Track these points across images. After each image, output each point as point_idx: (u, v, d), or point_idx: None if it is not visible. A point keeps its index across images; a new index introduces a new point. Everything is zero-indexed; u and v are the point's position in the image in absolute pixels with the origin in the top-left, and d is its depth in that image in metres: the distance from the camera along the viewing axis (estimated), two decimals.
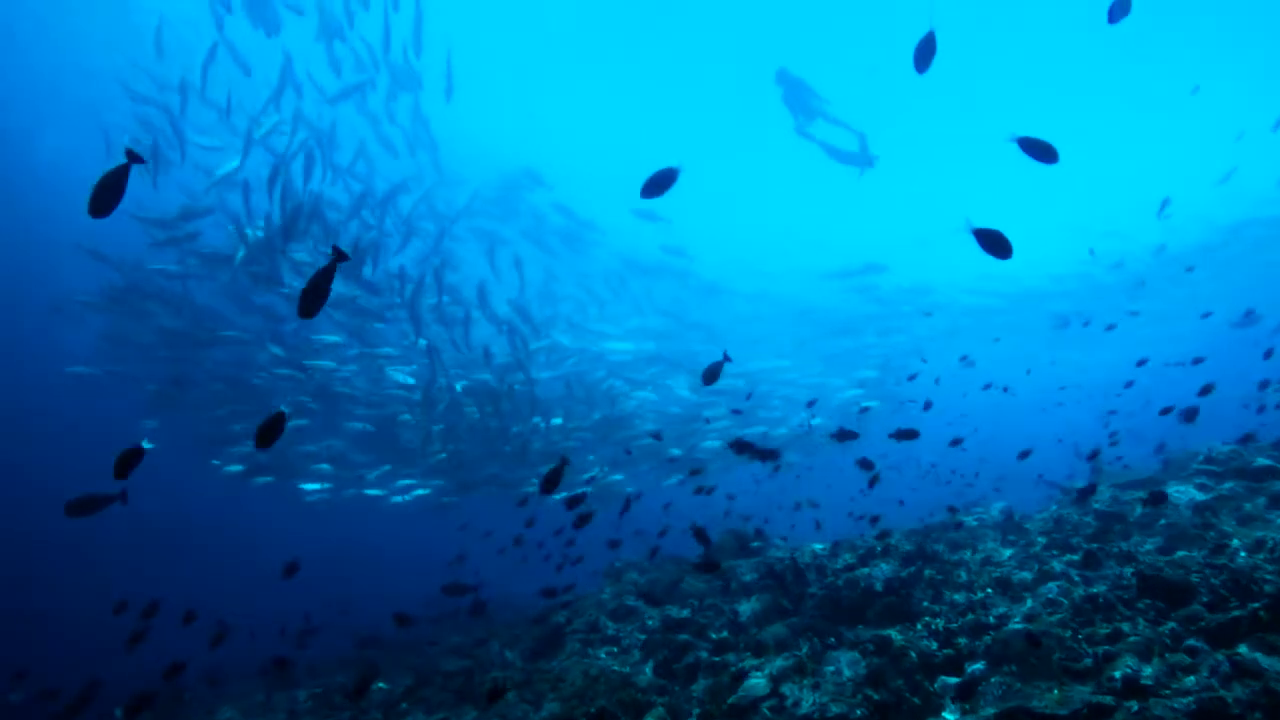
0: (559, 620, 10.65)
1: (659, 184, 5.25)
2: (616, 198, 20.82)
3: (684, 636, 8.81)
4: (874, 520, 12.27)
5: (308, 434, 19.73)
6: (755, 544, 12.70)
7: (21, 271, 21.72)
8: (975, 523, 11.84)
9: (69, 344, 21.35)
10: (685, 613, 9.26)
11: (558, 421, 18.13)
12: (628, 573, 12.82)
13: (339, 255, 3.90)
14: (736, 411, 15.15)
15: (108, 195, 3.83)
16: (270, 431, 4.48)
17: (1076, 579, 7.23)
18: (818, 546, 10.77)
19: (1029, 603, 7.16)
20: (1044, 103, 19.87)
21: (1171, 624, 5.62)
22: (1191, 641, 5.26)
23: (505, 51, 19.62)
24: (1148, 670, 5.14)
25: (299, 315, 4.07)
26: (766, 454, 8.14)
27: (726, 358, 5.98)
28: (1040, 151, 4.87)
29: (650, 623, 9.41)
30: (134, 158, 3.79)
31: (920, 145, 21.20)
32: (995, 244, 4.65)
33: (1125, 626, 5.79)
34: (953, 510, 12.12)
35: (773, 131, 17.68)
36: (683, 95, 21.39)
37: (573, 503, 9.63)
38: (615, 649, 9.37)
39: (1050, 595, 6.95)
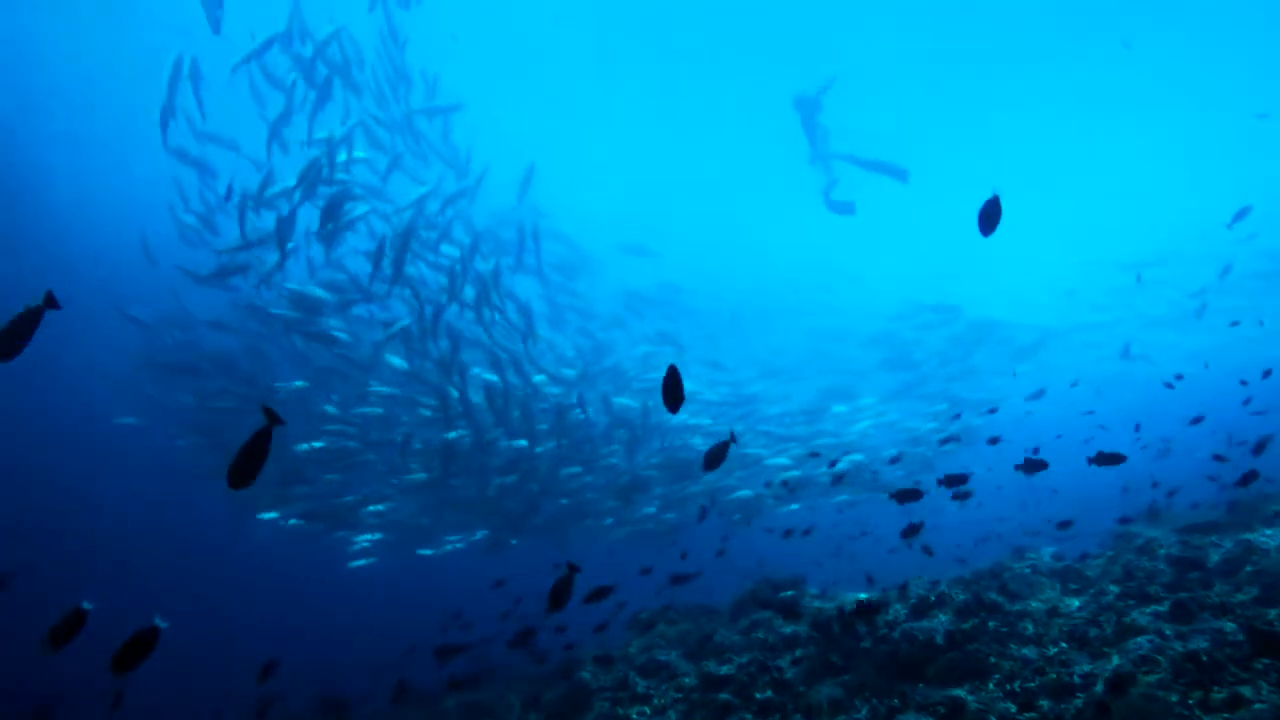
0: (584, 676, 9.89)
1: (673, 389, 4.77)
2: (611, 231, 20.62)
3: (724, 696, 8.07)
4: (902, 588, 11.45)
5: (355, 485, 19.25)
6: (789, 593, 11.94)
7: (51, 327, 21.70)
8: (1028, 570, 11.05)
9: (106, 399, 21.37)
10: (725, 669, 8.51)
11: (569, 470, 17.33)
12: (655, 624, 12.07)
13: (272, 419, 3.58)
14: (815, 454, 14.57)
15: (16, 340, 3.71)
16: (137, 652, 3.96)
17: (1169, 633, 6.50)
18: (862, 596, 10.04)
19: (1115, 659, 6.42)
20: (1098, 126, 19.57)
21: None
22: None
23: (501, 79, 19.47)
24: None
25: (229, 485, 3.63)
26: (955, 480, 7.86)
27: (733, 439, 5.49)
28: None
29: (687, 680, 8.66)
30: (50, 302, 3.76)
31: (960, 175, 20.97)
32: None
33: (1245, 691, 5.08)
34: (995, 574, 11.25)
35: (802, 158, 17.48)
36: (697, 120, 21.22)
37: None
38: (647, 709, 8.62)
39: (1142, 652, 6.22)
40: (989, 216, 5.25)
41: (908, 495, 7.93)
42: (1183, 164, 19.84)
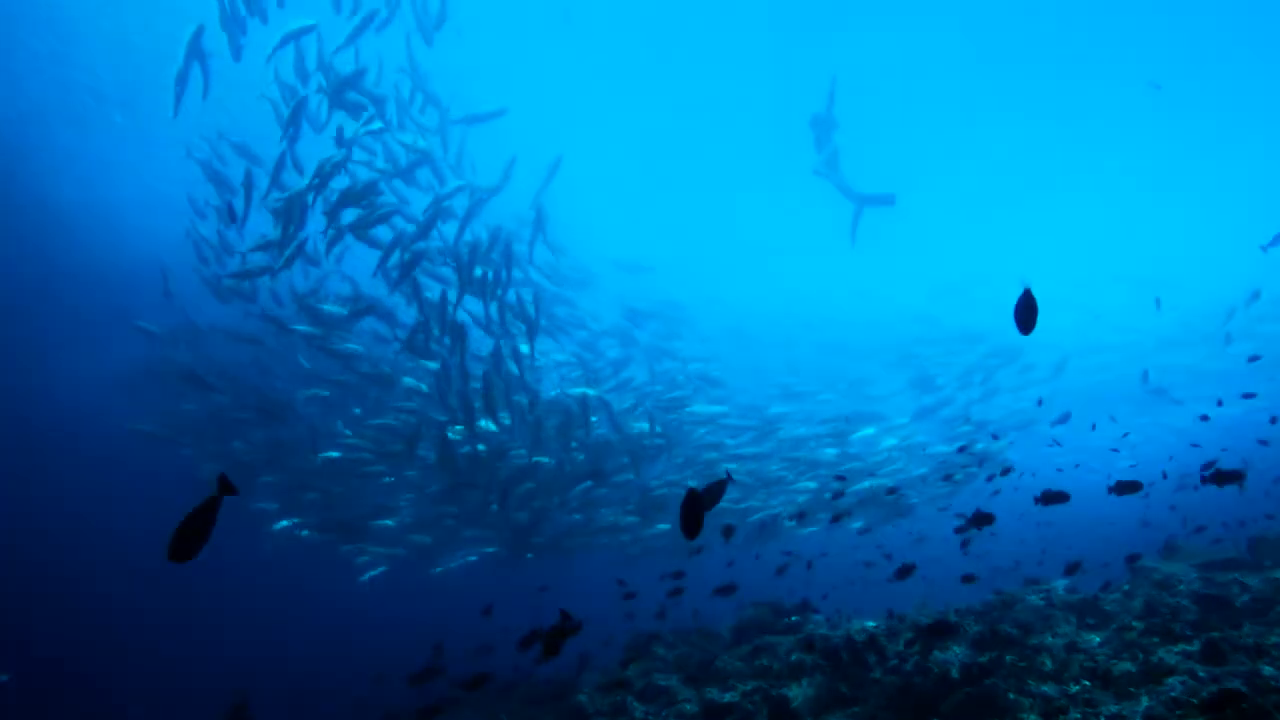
0: (580, 700, 9.51)
1: (692, 514, 4.53)
2: (608, 247, 20.41)
3: None
4: (915, 618, 11.07)
5: (366, 497, 19.02)
6: (794, 619, 11.58)
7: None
8: (1041, 602, 10.68)
9: (108, 404, 21.20)
10: (728, 696, 8.14)
11: (581, 485, 16.98)
12: (654, 647, 11.68)
13: (224, 488, 3.29)
14: (840, 478, 14.20)
15: None
16: None
17: (1202, 674, 6.15)
18: (870, 624, 9.69)
19: (1145, 701, 6.07)
20: (1110, 140, 19.31)
21: None
22: None
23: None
24: None
25: (170, 558, 3.28)
26: (1054, 498, 7.60)
27: (730, 478, 5.24)
28: None
29: (688, 707, 8.28)
30: None
31: (969, 194, 20.74)
32: None
33: None
34: (1007, 605, 10.82)
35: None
36: (695, 126, 20.95)
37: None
38: None
39: (1175, 694, 5.88)
40: (1027, 310, 4.96)
41: (982, 519, 7.65)
42: (1210, 184, 19.49)
